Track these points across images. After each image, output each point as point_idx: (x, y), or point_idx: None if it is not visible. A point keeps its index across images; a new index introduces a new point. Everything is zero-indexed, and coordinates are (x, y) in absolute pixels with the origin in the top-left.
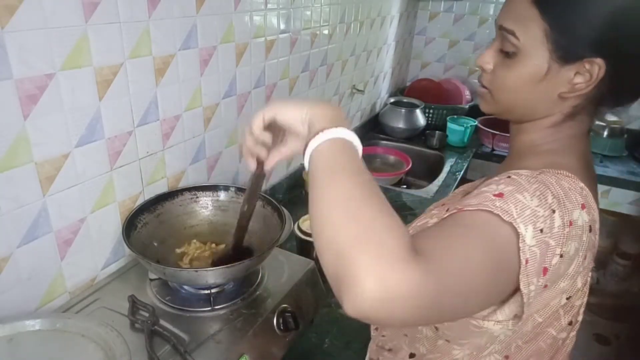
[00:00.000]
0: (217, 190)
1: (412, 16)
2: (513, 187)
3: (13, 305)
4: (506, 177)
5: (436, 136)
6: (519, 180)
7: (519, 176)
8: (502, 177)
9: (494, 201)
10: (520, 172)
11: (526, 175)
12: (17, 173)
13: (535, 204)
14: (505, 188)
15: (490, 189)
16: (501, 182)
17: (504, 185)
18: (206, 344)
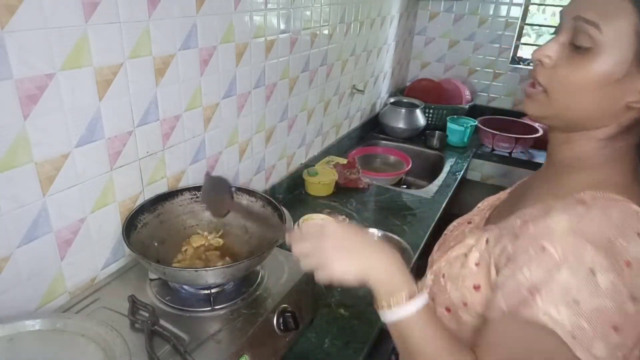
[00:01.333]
0: None
1: (412, 16)
2: (543, 270)
3: (13, 305)
4: (539, 248)
5: (436, 136)
6: (550, 252)
7: (550, 241)
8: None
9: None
10: (553, 229)
11: (560, 231)
12: (17, 173)
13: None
14: (536, 275)
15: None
16: (533, 262)
17: (535, 269)
18: (206, 344)
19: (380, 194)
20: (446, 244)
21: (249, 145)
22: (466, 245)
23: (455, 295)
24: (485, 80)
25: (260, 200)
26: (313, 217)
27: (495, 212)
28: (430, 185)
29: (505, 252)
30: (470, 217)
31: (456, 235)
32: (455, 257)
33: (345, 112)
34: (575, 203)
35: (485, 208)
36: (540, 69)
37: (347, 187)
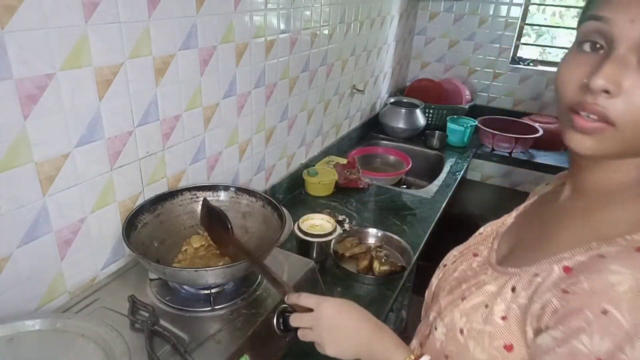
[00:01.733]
0: (217, 190)
1: (412, 16)
2: (611, 340)
3: (13, 305)
4: (600, 311)
5: (436, 136)
6: (616, 318)
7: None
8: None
9: None
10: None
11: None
12: (17, 173)
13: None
14: (601, 347)
15: (584, 349)
16: (594, 329)
17: (599, 339)
18: (206, 344)
19: (380, 194)
20: (449, 280)
21: (249, 145)
22: (486, 293)
23: (482, 356)
24: (485, 80)
25: (260, 200)
26: (313, 217)
27: (504, 243)
28: (430, 185)
29: (550, 308)
30: (474, 247)
31: (463, 271)
32: (472, 307)
33: (345, 112)
34: (634, 251)
35: (489, 236)
36: (609, 102)
37: (347, 187)
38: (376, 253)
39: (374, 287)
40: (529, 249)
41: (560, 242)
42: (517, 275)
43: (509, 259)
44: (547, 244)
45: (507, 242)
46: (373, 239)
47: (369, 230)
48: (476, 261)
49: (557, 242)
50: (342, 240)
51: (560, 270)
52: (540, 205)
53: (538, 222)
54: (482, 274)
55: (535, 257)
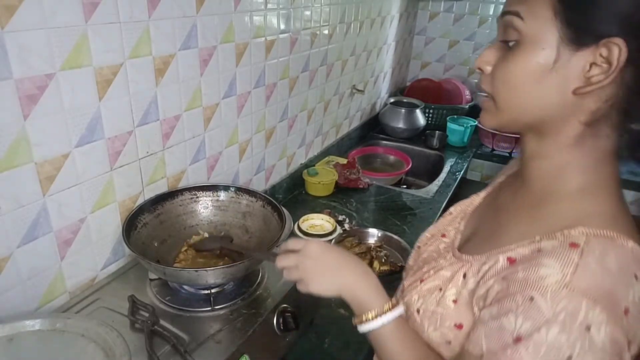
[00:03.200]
0: (217, 190)
1: (412, 16)
2: (531, 322)
3: (13, 305)
4: (528, 298)
5: (436, 136)
6: (539, 304)
7: (541, 294)
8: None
9: (506, 350)
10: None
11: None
12: (17, 173)
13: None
14: (523, 326)
15: (510, 325)
16: (520, 311)
17: (522, 319)
18: (206, 344)
19: (380, 194)
20: (418, 261)
21: (249, 145)
22: (441, 278)
23: (435, 334)
24: None
25: (260, 200)
26: (313, 217)
27: (469, 225)
28: (430, 185)
29: (492, 292)
30: (444, 228)
31: (430, 252)
32: (428, 290)
33: (345, 112)
34: (567, 247)
35: (457, 216)
36: (484, 78)
37: (347, 187)
38: (376, 253)
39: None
40: (484, 238)
41: (510, 235)
42: (469, 263)
43: (468, 245)
44: (498, 235)
45: (470, 225)
46: (373, 239)
47: (369, 230)
48: (443, 242)
49: (507, 235)
50: (342, 240)
51: (504, 261)
52: (500, 190)
53: (494, 210)
54: (442, 258)
55: (488, 247)
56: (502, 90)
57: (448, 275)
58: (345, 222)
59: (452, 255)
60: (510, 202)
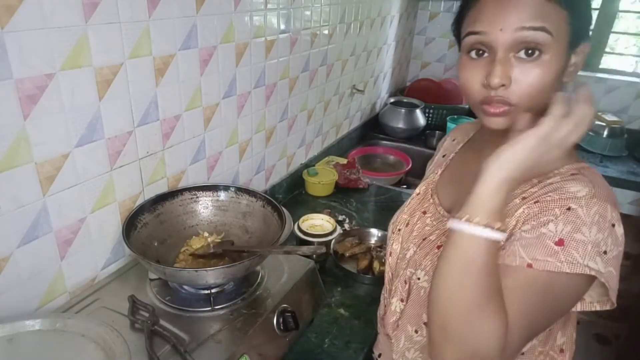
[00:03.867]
0: (217, 190)
1: (412, 16)
2: (571, 226)
3: (13, 305)
4: (565, 208)
5: (436, 136)
6: (577, 212)
7: (578, 204)
8: (560, 208)
9: (558, 254)
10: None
11: (585, 196)
12: (17, 173)
13: (595, 232)
14: (564, 230)
15: (549, 232)
16: (559, 219)
17: (563, 225)
18: (206, 344)
19: (380, 194)
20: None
21: (249, 145)
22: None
23: None
24: None
25: (260, 200)
26: (313, 217)
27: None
28: None
29: (521, 217)
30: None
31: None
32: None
33: (345, 112)
34: (572, 176)
35: (427, 193)
36: (507, 92)
37: (347, 187)
38: (376, 253)
39: (374, 287)
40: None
41: None
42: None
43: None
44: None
45: (447, 197)
46: (373, 239)
47: (369, 230)
48: (428, 218)
49: None
50: (342, 240)
51: (520, 200)
52: (465, 163)
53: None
54: (444, 225)
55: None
56: (531, 97)
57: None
58: (345, 222)
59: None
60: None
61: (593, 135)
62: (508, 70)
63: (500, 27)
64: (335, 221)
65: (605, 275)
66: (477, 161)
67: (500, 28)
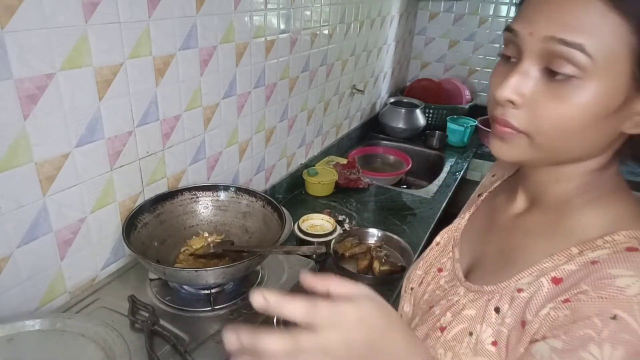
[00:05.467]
0: (217, 190)
1: (412, 16)
2: (623, 348)
3: (13, 305)
4: (609, 317)
5: (436, 136)
6: (628, 323)
7: (627, 309)
8: (601, 316)
9: None
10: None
11: (637, 295)
12: (17, 173)
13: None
14: (613, 355)
15: (593, 358)
16: (604, 338)
17: (611, 348)
18: (206, 344)
19: (380, 194)
20: (420, 304)
21: (249, 145)
22: (466, 319)
23: None
24: (485, 80)
25: (260, 200)
26: (313, 217)
27: (464, 252)
28: (430, 185)
29: (547, 320)
30: (436, 260)
31: (432, 291)
32: (455, 338)
33: (345, 112)
34: (625, 252)
35: (447, 244)
36: (512, 111)
37: (347, 187)
38: (376, 253)
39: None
40: (497, 263)
41: (532, 254)
42: (497, 294)
43: (477, 274)
44: (516, 256)
45: (467, 251)
46: (373, 239)
47: (369, 230)
48: (442, 277)
49: (528, 254)
50: (342, 240)
51: (549, 283)
52: (492, 210)
53: (497, 233)
54: (454, 294)
55: (509, 272)
56: (549, 131)
57: (473, 314)
58: (345, 222)
59: (467, 290)
60: (517, 223)
61: None
62: (525, 85)
63: (530, 31)
64: (335, 221)
65: None
66: (507, 210)
67: (530, 32)
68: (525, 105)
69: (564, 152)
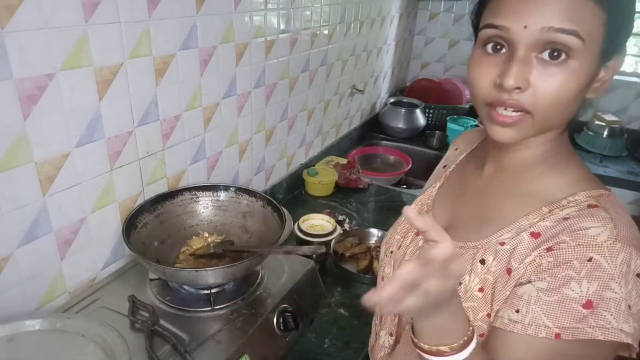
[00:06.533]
0: (217, 190)
1: (412, 16)
2: (597, 283)
3: (13, 305)
4: (586, 260)
5: (436, 136)
6: (601, 263)
7: (599, 253)
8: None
9: (587, 319)
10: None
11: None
12: (17, 173)
13: (624, 286)
14: (590, 288)
15: (574, 293)
16: (583, 276)
17: (587, 283)
18: (206, 344)
19: (380, 194)
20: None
21: (249, 145)
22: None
23: None
24: None
25: (260, 200)
26: (313, 217)
27: (440, 216)
28: None
29: (532, 266)
30: (424, 199)
31: (413, 253)
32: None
33: (345, 112)
34: (588, 208)
35: (421, 211)
36: (521, 95)
37: (347, 187)
38: (376, 253)
39: (374, 287)
40: (475, 222)
41: (507, 213)
42: (481, 248)
43: (455, 232)
44: (492, 215)
45: (442, 215)
46: (373, 239)
47: (369, 230)
48: (422, 240)
49: (504, 213)
50: (342, 240)
51: (529, 237)
52: (462, 178)
53: (470, 196)
54: None
55: (489, 229)
56: (549, 106)
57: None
58: (345, 222)
59: None
60: (488, 187)
61: (593, 135)
62: (526, 71)
63: (525, 24)
64: (335, 221)
65: (634, 335)
66: (477, 177)
67: (525, 25)
68: (529, 88)
69: (551, 125)
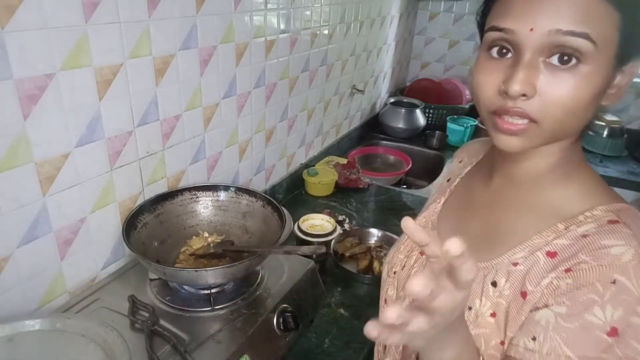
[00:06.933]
0: (217, 190)
1: (412, 16)
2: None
3: (13, 305)
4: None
5: (436, 136)
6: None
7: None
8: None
9: (613, 348)
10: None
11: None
12: (17, 173)
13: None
14: (615, 314)
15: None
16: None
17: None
18: (206, 344)
19: (380, 194)
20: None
21: (249, 145)
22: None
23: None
24: None
25: (260, 200)
26: (313, 217)
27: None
28: (430, 185)
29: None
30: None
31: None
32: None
33: (345, 112)
34: (608, 224)
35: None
36: (527, 103)
37: (347, 187)
38: (376, 253)
39: (374, 287)
40: (484, 241)
41: (519, 230)
42: (493, 269)
43: None
44: (502, 233)
45: (448, 232)
46: (373, 239)
47: (369, 230)
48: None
49: (513, 231)
50: (342, 240)
51: (544, 256)
52: (468, 192)
53: (478, 210)
54: None
55: (499, 248)
56: (557, 115)
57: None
58: (345, 222)
59: None
60: (495, 201)
61: (593, 135)
62: (533, 77)
63: (531, 27)
64: (335, 221)
65: None
66: (484, 190)
67: (531, 28)
68: (535, 95)
69: (562, 133)
